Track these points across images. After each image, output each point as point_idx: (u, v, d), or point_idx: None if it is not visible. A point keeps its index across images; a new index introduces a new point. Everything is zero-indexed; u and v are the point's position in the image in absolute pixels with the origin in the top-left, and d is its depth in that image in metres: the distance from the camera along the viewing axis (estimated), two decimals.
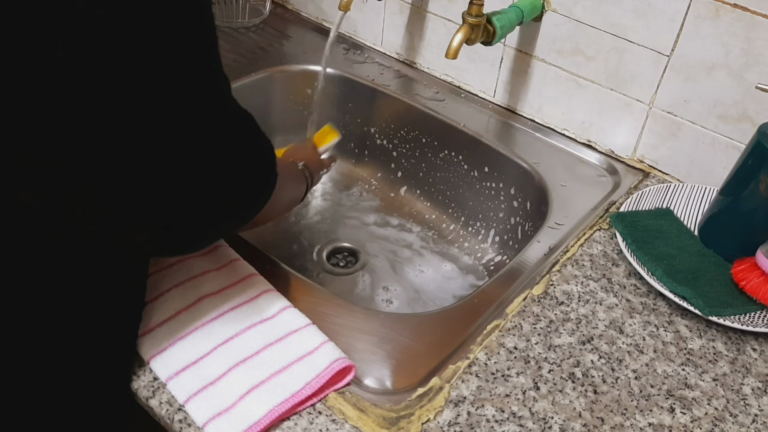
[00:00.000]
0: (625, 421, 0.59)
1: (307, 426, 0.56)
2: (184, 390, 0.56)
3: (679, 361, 0.65)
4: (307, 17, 1.16)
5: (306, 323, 0.62)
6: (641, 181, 0.87)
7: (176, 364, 0.58)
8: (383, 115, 1.03)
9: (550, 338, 0.65)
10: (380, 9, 1.04)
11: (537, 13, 0.87)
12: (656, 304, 0.70)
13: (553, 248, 0.76)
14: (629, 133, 0.88)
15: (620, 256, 0.75)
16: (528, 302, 0.69)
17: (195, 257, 0.67)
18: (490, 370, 0.62)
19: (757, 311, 0.69)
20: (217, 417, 0.54)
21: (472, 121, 0.95)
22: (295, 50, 1.07)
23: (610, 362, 0.64)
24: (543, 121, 0.95)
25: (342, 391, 0.59)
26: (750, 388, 0.63)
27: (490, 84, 0.98)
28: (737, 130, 0.79)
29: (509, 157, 0.91)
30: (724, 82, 0.78)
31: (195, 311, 0.62)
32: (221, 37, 1.07)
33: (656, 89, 0.83)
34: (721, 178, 0.75)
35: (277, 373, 0.58)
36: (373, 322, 0.66)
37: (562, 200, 0.83)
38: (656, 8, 0.79)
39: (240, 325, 0.61)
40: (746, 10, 0.73)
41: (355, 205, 1.04)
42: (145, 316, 0.61)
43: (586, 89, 0.89)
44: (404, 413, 0.57)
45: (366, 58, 1.07)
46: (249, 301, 0.64)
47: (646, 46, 0.81)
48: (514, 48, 0.93)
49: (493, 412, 0.58)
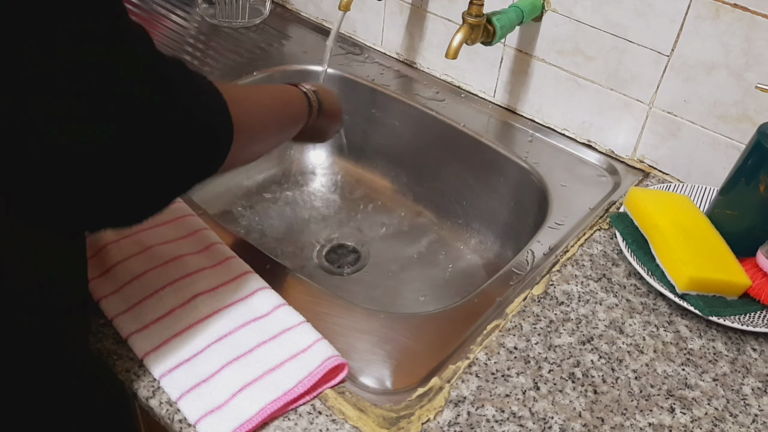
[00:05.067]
0: (625, 421, 0.59)
1: (307, 426, 0.56)
2: (177, 387, 0.56)
3: (679, 361, 0.65)
4: (307, 17, 1.16)
5: (300, 321, 0.62)
6: (641, 181, 0.87)
7: (170, 361, 0.58)
8: (383, 115, 1.03)
9: (550, 338, 0.65)
10: (380, 9, 1.04)
11: (537, 13, 0.87)
12: (656, 304, 0.70)
13: (553, 248, 0.76)
14: (629, 133, 0.88)
15: (620, 256, 0.75)
16: (528, 302, 0.69)
17: (190, 255, 0.67)
18: (490, 370, 0.62)
19: (757, 311, 0.69)
20: (210, 414, 0.54)
21: (472, 121, 0.95)
22: (295, 50, 1.07)
23: (610, 362, 0.64)
24: (543, 121, 0.95)
25: (342, 391, 0.59)
26: (750, 388, 0.63)
27: (490, 84, 0.98)
28: (737, 130, 0.79)
29: (509, 157, 0.91)
30: (724, 82, 0.78)
31: (189, 309, 0.62)
32: (221, 37, 1.07)
33: (656, 89, 0.83)
34: (721, 178, 0.75)
35: (270, 371, 0.58)
36: (373, 322, 0.66)
37: (562, 200, 0.83)
38: (656, 8, 0.79)
39: (234, 322, 0.61)
40: (746, 10, 0.73)
41: (355, 205, 1.04)
42: (140, 313, 0.61)
43: (586, 89, 0.89)
44: (404, 413, 0.57)
45: (366, 58, 1.07)
46: (243, 299, 0.64)
47: (646, 46, 0.81)
48: (514, 48, 0.93)
49: (493, 412, 0.58)
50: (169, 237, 0.69)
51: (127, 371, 0.59)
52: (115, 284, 0.64)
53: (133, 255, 0.66)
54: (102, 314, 0.62)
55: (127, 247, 0.67)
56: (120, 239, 0.68)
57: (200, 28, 1.10)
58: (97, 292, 0.63)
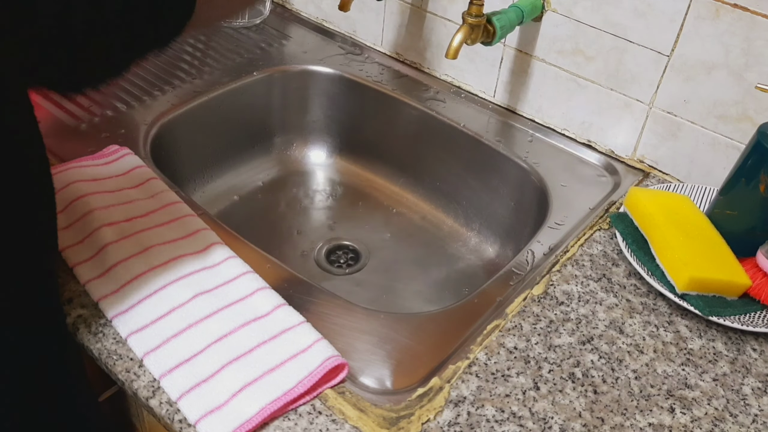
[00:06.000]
0: (625, 421, 0.59)
1: (307, 426, 0.56)
2: (177, 387, 0.56)
3: (679, 361, 0.65)
4: (307, 17, 1.16)
5: (300, 321, 0.62)
6: (641, 181, 0.87)
7: (170, 361, 0.58)
8: (383, 116, 1.03)
9: (550, 338, 0.65)
10: (380, 9, 1.04)
11: (537, 13, 0.87)
12: (656, 304, 0.70)
13: (553, 248, 0.76)
14: (629, 133, 0.88)
15: (620, 256, 0.75)
16: (528, 302, 0.69)
17: (188, 254, 0.67)
18: (490, 370, 0.62)
19: (757, 311, 0.69)
20: (210, 414, 0.54)
21: (472, 121, 0.95)
22: (295, 50, 1.07)
23: (610, 362, 0.64)
24: (543, 121, 0.95)
25: (342, 391, 0.59)
26: (750, 388, 0.63)
27: (490, 84, 0.98)
28: (737, 130, 0.79)
29: (509, 157, 0.91)
30: (724, 82, 0.78)
31: (189, 309, 0.62)
32: (221, 37, 1.07)
33: (656, 89, 0.83)
34: (721, 178, 0.75)
35: (270, 371, 0.58)
36: (373, 322, 0.66)
37: (562, 200, 0.83)
38: (656, 8, 0.79)
39: (234, 322, 0.61)
40: (746, 10, 0.73)
41: (355, 205, 1.04)
42: (140, 313, 0.61)
43: (586, 89, 0.89)
44: (404, 413, 0.57)
45: (366, 58, 1.07)
46: (243, 299, 0.64)
47: (646, 46, 0.81)
48: (514, 48, 0.93)
49: (493, 412, 0.58)
50: (169, 237, 0.69)
51: (127, 371, 0.59)
52: (115, 284, 0.64)
53: (133, 255, 0.66)
54: (102, 314, 0.62)
55: (127, 247, 0.67)
56: (120, 239, 0.68)
57: None
58: (96, 292, 0.63)
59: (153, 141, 0.86)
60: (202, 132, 0.96)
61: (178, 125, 0.92)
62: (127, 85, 0.94)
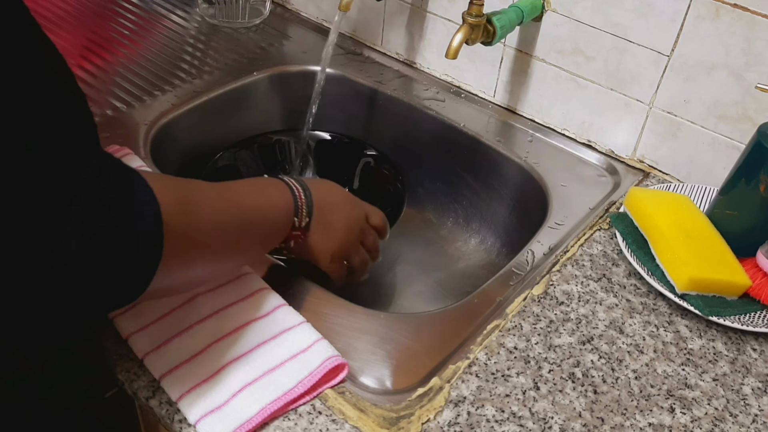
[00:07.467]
0: (625, 421, 0.59)
1: (307, 426, 0.56)
2: (177, 387, 0.56)
3: (679, 361, 0.65)
4: (307, 17, 1.16)
5: (300, 321, 0.62)
6: (641, 181, 0.87)
7: (170, 361, 0.58)
8: (383, 115, 1.03)
9: (550, 338, 0.65)
10: (380, 9, 1.04)
11: (537, 13, 0.87)
12: (656, 304, 0.70)
13: (553, 248, 0.76)
14: (629, 133, 0.88)
15: (620, 256, 0.75)
16: (528, 302, 0.69)
17: None
18: (490, 370, 0.62)
19: (757, 311, 0.69)
20: (210, 414, 0.54)
21: (472, 121, 0.95)
22: (295, 50, 1.07)
23: (610, 362, 0.64)
24: (543, 121, 0.95)
25: (342, 391, 0.59)
26: (750, 388, 0.63)
27: (490, 84, 0.98)
28: (737, 130, 0.79)
29: (509, 157, 0.91)
30: (724, 82, 0.78)
31: (189, 309, 0.62)
32: (221, 37, 1.07)
33: (656, 89, 0.83)
34: (721, 178, 0.75)
35: (270, 371, 0.58)
36: (373, 322, 0.66)
37: (562, 200, 0.83)
38: (656, 8, 0.79)
39: (234, 322, 0.61)
40: (746, 10, 0.73)
41: None
42: (140, 314, 0.61)
43: (586, 89, 0.89)
44: (404, 413, 0.57)
45: (366, 58, 1.07)
46: (243, 299, 0.64)
47: (646, 46, 0.81)
48: (514, 48, 0.93)
49: (493, 412, 0.58)
50: None
51: (127, 371, 0.59)
52: None
53: None
54: None
55: None
56: None
57: (200, 28, 1.10)
58: None
59: (153, 141, 0.86)
60: (202, 132, 0.96)
61: (178, 125, 0.92)
62: (127, 85, 0.94)
